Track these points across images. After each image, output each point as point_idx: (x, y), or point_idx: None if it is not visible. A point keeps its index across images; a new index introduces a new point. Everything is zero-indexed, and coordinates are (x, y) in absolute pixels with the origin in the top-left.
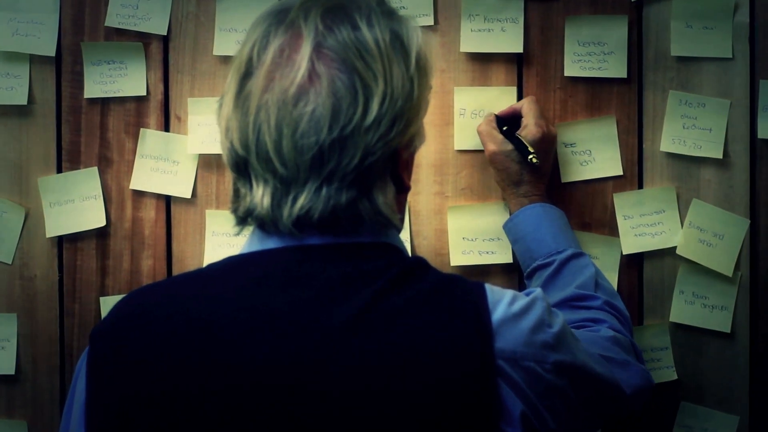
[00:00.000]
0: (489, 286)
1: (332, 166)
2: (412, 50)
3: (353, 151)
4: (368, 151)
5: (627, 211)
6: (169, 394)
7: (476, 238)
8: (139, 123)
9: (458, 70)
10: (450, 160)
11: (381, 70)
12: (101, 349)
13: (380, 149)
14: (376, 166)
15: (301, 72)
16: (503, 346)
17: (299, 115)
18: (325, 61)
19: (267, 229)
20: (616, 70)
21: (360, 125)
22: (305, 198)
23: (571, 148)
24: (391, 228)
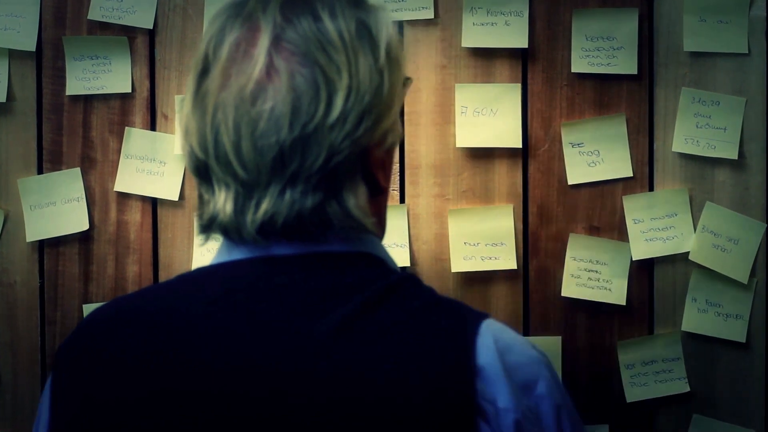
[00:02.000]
0: (491, 323)
1: (295, 167)
2: (381, 41)
3: (317, 151)
4: (334, 150)
5: (637, 215)
6: (135, 412)
7: (478, 243)
8: (123, 121)
9: (459, 66)
10: (451, 161)
11: (345, 62)
12: (64, 368)
13: (347, 148)
14: (343, 166)
15: (258, 67)
16: (485, 389)
17: (258, 114)
18: (284, 55)
19: (231, 237)
20: (626, 66)
21: (323, 122)
22: (268, 203)
23: (579, 148)
24: (365, 233)
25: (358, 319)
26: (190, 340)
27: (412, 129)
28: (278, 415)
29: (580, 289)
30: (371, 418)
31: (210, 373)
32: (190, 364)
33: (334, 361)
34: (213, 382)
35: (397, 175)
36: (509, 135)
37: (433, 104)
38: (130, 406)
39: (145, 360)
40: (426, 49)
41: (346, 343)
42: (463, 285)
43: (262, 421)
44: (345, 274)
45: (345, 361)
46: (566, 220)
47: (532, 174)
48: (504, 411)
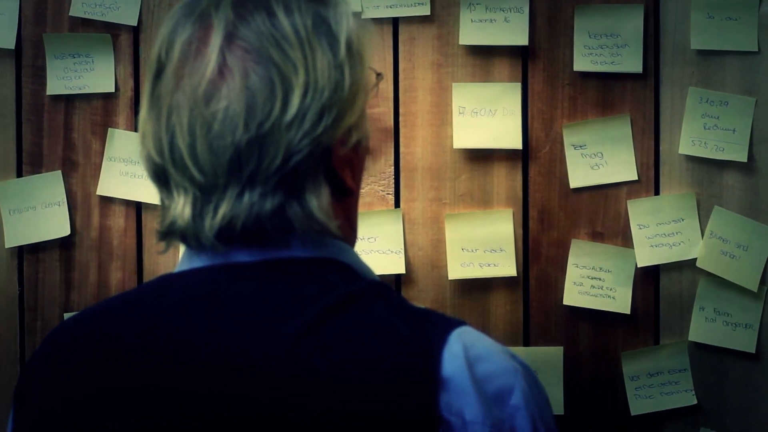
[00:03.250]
0: (464, 331)
1: (252, 168)
2: (341, 35)
3: (274, 151)
4: (292, 150)
5: (642, 220)
6: (99, 426)
7: (476, 249)
8: (106, 122)
9: (457, 65)
10: (448, 164)
11: (301, 59)
12: (26, 384)
13: (307, 146)
14: (304, 165)
15: (210, 66)
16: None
17: (212, 115)
18: (237, 53)
19: (190, 244)
20: (631, 64)
21: (279, 121)
22: (226, 206)
23: (581, 150)
24: (330, 238)
25: (318, 326)
26: (147, 351)
27: (408, 130)
28: (235, 418)
29: (582, 298)
30: (327, 427)
31: (167, 380)
32: (146, 376)
33: (292, 368)
34: (169, 389)
35: (392, 178)
36: (508, 136)
37: (429, 104)
38: (83, 419)
39: (102, 374)
40: (422, 47)
41: (305, 351)
42: (460, 293)
43: (219, 422)
44: (306, 281)
45: (303, 369)
46: (568, 225)
47: (532, 177)
48: (472, 424)
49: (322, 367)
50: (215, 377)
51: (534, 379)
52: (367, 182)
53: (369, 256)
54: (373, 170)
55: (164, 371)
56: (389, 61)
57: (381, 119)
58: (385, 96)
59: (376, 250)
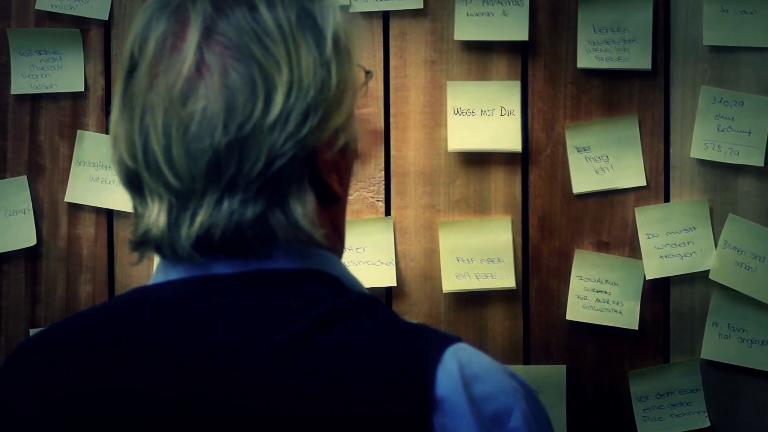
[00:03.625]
0: (459, 348)
1: (232, 172)
2: (327, 30)
3: (256, 154)
4: (275, 153)
5: (651, 229)
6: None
7: (473, 260)
8: (75, 124)
9: (452, 62)
10: (442, 168)
11: (285, 55)
12: (1, 394)
13: (291, 150)
14: (288, 170)
15: (187, 63)
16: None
17: (189, 115)
18: (216, 49)
19: (165, 254)
20: (639, 61)
21: (261, 122)
22: (204, 214)
23: (585, 154)
24: (316, 248)
25: (304, 342)
26: (118, 374)
27: (399, 132)
28: (219, 429)
29: (586, 312)
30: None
31: (140, 409)
32: (118, 400)
33: (274, 388)
34: (143, 417)
35: (382, 184)
36: (507, 138)
37: (421, 104)
38: (65, 423)
39: (72, 398)
40: (414, 42)
41: (290, 368)
42: (455, 306)
43: (203, 430)
44: (290, 294)
45: (286, 389)
46: (571, 233)
47: (532, 182)
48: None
49: (306, 386)
50: (197, 385)
51: (535, 400)
52: (356, 188)
53: (357, 267)
54: (362, 175)
55: (147, 377)
56: (379, 57)
57: (370, 120)
58: (375, 95)
59: (365, 261)
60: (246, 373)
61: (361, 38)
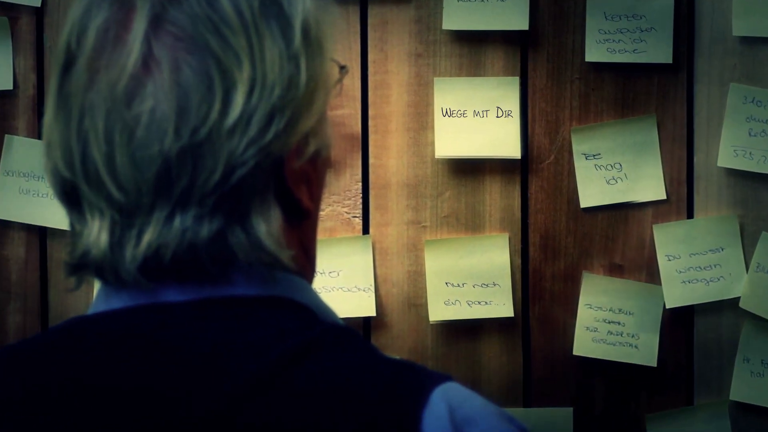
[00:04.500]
0: (449, 388)
1: (185, 184)
2: (295, 18)
3: (212, 163)
4: (235, 162)
5: (672, 249)
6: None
7: (464, 284)
8: (3, 127)
9: (440, 55)
10: (428, 178)
11: (246, 47)
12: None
13: (253, 158)
14: (250, 181)
15: (133, 57)
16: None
17: (134, 118)
18: (166, 41)
19: (107, 279)
20: (658, 53)
21: (219, 126)
22: (153, 232)
23: (595, 161)
24: (282, 271)
25: (268, 383)
26: (50, 424)
27: (378, 137)
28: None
29: (597, 347)
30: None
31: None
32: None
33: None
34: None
35: (359, 197)
36: (504, 143)
37: (405, 104)
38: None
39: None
40: (397, 33)
41: (252, 415)
42: (444, 338)
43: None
44: (253, 326)
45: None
46: (578, 254)
47: (533, 194)
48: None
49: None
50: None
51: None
52: (329, 202)
53: (331, 294)
54: (336, 187)
55: (85, 426)
56: (356, 50)
57: (346, 123)
58: (351, 94)
59: (339, 287)
60: (203, 420)
61: (334, 28)
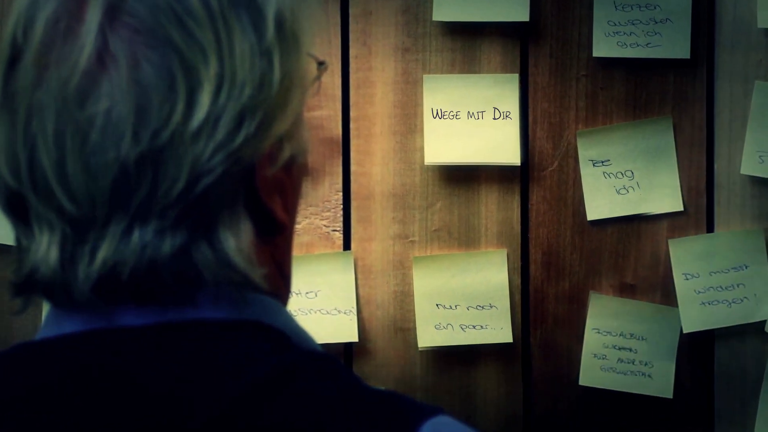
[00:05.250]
0: (440, 422)
1: (144, 194)
2: (268, 9)
3: (175, 170)
4: (200, 169)
5: (690, 267)
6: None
7: (457, 306)
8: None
9: (430, 50)
10: (417, 187)
11: (213, 41)
12: None
13: (221, 164)
14: (217, 191)
15: (86, 52)
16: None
17: (88, 120)
18: (123, 34)
19: (57, 300)
20: (674, 47)
21: (182, 129)
22: (108, 248)
23: (603, 168)
24: (253, 292)
25: (237, 417)
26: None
27: (361, 142)
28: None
29: (606, 376)
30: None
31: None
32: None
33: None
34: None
35: (340, 208)
36: (502, 148)
37: (391, 105)
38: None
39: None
40: (381, 25)
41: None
42: (434, 367)
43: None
44: (220, 353)
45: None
46: (585, 273)
47: (535, 205)
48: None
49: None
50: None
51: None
52: (305, 214)
53: (307, 317)
54: (314, 197)
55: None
56: (336, 44)
57: (325, 126)
58: (331, 94)
59: (317, 309)
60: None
61: (312, 20)
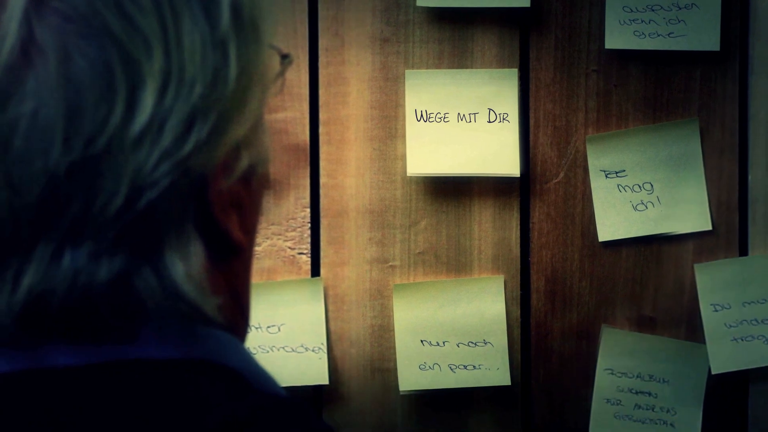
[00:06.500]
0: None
1: (77, 211)
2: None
3: (113, 183)
4: (143, 181)
5: (719, 296)
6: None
7: (445, 342)
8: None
9: (413, 40)
10: (398, 202)
11: (158, 31)
12: None
13: (167, 176)
14: (162, 207)
15: (8, 44)
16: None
17: (11, 123)
18: (52, 22)
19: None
20: (701, 38)
21: (122, 134)
22: (35, 274)
23: (617, 180)
24: (200, 325)
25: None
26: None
27: (333, 149)
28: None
29: (621, 425)
30: None
31: None
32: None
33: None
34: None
35: (307, 227)
36: (498, 157)
37: (367, 105)
38: None
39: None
40: (355, 11)
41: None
42: (418, 414)
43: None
44: (165, 398)
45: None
46: (596, 303)
47: (537, 223)
48: None
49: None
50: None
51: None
52: (267, 234)
53: (269, 356)
54: (277, 215)
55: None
56: (303, 33)
57: (290, 130)
58: (297, 92)
59: (280, 346)
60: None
61: (275, 5)
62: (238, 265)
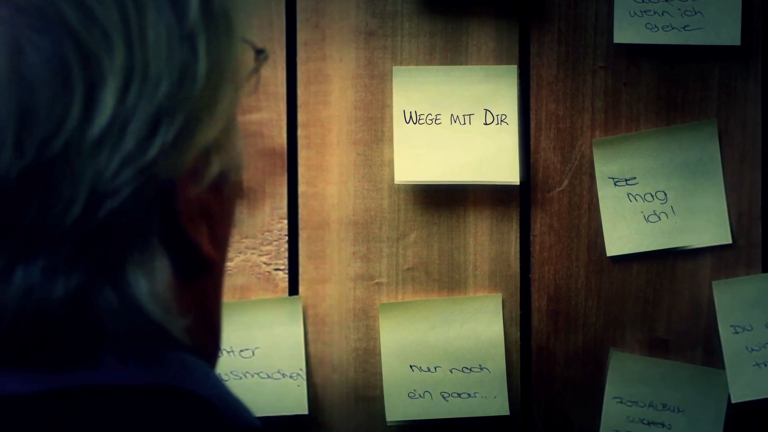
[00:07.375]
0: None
1: (30, 222)
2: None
3: (70, 191)
4: (103, 189)
5: (740, 317)
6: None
7: (437, 367)
8: None
9: (402, 34)
10: (385, 213)
11: (119, 23)
12: None
13: (129, 183)
14: (124, 218)
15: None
16: None
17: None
18: (2, 13)
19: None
20: (720, 31)
21: (80, 137)
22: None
23: (628, 188)
24: (168, 347)
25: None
26: None
27: (313, 154)
28: None
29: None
30: None
31: None
32: None
33: None
34: None
35: (284, 240)
36: (496, 162)
37: (351, 106)
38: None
39: None
40: (338, 1)
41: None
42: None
43: None
44: (129, 430)
45: None
46: (604, 324)
47: (538, 236)
48: None
49: None
50: None
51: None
52: (240, 248)
53: (242, 382)
54: (250, 226)
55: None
56: (280, 27)
57: (265, 133)
58: (273, 91)
59: (255, 371)
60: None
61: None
62: (207, 282)
